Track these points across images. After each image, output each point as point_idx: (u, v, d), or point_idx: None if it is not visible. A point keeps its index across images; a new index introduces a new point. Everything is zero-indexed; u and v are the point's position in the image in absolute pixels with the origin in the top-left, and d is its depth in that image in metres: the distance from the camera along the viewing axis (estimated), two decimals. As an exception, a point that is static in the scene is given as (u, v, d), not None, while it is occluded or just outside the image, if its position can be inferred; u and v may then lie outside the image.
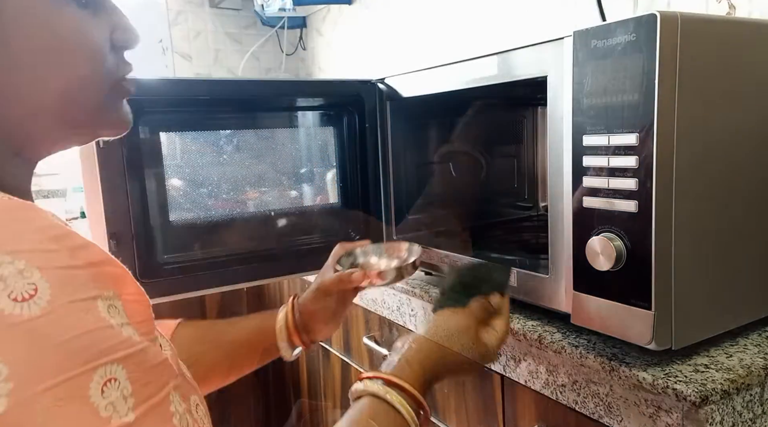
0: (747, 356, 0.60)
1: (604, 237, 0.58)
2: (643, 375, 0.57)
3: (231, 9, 2.34)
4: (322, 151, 1.00)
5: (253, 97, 0.89)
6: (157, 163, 0.82)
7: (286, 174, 0.97)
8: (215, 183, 0.89)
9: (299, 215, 0.98)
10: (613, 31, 0.56)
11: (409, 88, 0.91)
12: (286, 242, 0.95)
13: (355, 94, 0.95)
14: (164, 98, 0.80)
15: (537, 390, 0.71)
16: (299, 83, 1.02)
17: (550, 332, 0.69)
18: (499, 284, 0.68)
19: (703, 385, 0.54)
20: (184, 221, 0.87)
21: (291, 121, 0.97)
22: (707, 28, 0.58)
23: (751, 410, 0.57)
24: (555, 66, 0.64)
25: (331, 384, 1.31)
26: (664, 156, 0.54)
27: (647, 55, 0.53)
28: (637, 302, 0.57)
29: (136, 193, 0.79)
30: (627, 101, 0.55)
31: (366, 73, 1.00)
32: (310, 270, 0.96)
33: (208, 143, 0.89)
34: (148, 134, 0.81)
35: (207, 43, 2.33)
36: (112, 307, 0.34)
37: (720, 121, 0.59)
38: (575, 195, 0.62)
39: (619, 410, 0.61)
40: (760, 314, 0.67)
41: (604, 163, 0.58)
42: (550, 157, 0.66)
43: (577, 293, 0.63)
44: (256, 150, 0.94)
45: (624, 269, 0.58)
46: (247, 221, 0.93)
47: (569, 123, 0.62)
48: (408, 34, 1.79)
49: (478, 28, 1.53)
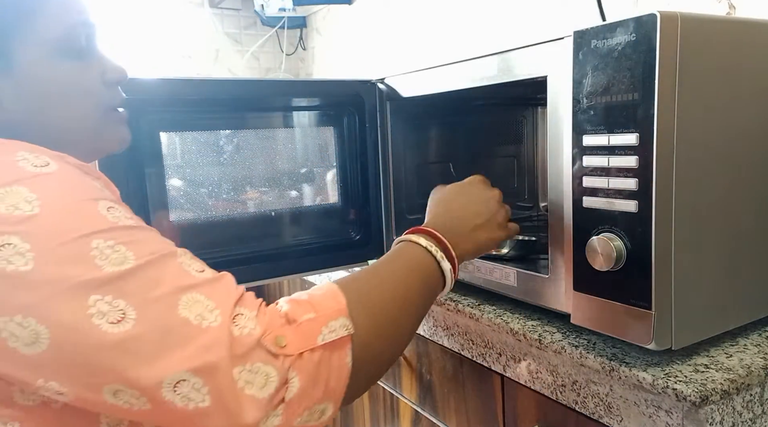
0: (747, 356, 0.60)
1: (604, 237, 0.58)
2: (643, 375, 0.57)
3: (231, 9, 2.34)
4: (322, 151, 0.99)
5: (253, 97, 0.89)
6: (157, 163, 0.82)
7: (286, 174, 0.97)
8: (215, 183, 0.89)
9: (299, 215, 0.98)
10: (613, 31, 0.56)
11: (409, 88, 0.91)
12: (286, 242, 0.95)
13: (355, 94, 0.95)
14: (164, 98, 0.80)
15: (537, 390, 0.71)
16: (299, 83, 1.02)
17: (550, 332, 0.69)
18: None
19: (703, 385, 0.54)
20: (184, 221, 0.87)
21: (291, 121, 0.97)
22: (707, 28, 0.58)
23: (751, 410, 0.57)
24: (555, 66, 0.64)
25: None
26: (664, 156, 0.54)
27: (647, 55, 0.53)
28: (637, 302, 0.57)
29: (136, 193, 0.79)
30: (627, 101, 0.55)
31: (366, 73, 1.00)
32: (310, 270, 0.96)
33: (208, 143, 0.89)
34: (148, 134, 0.81)
35: (207, 43, 2.33)
36: (95, 182, 0.49)
37: (720, 120, 0.59)
38: (575, 195, 0.62)
39: (619, 410, 0.61)
40: (760, 314, 0.67)
41: (604, 163, 0.58)
42: (550, 157, 0.66)
43: (577, 293, 0.63)
44: (256, 150, 0.94)
45: (624, 269, 0.58)
46: (247, 221, 0.93)
47: (569, 123, 0.62)
48: (408, 34, 1.79)
49: (478, 28, 1.53)
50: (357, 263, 0.98)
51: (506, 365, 0.75)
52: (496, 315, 0.76)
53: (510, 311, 0.77)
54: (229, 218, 0.90)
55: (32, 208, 0.43)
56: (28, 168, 0.45)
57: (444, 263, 0.62)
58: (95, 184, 0.48)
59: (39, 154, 0.47)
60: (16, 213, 0.42)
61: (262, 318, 0.47)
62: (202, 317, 0.44)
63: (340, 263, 0.97)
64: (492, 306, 0.80)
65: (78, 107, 0.56)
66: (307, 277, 1.29)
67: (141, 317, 0.42)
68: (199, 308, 0.44)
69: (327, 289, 0.53)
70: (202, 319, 0.44)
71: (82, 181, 0.47)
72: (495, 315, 0.76)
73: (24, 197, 0.43)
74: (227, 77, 2.31)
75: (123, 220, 0.46)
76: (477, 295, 0.84)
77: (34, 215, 0.42)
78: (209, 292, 0.46)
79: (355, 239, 0.98)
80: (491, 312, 0.77)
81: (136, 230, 0.47)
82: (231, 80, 0.89)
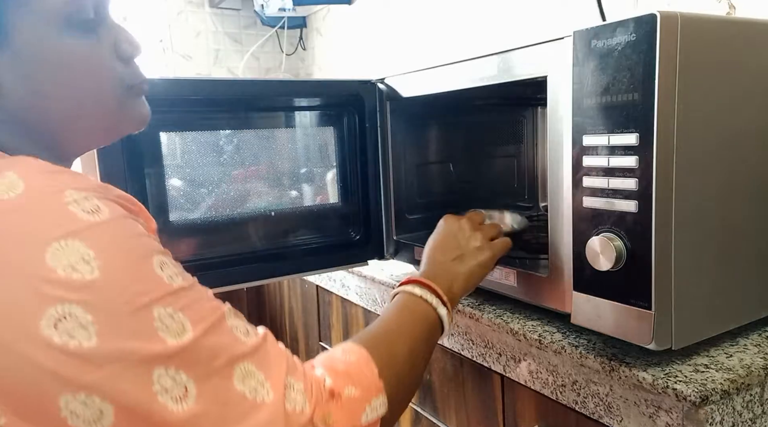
0: (747, 356, 0.60)
1: (604, 237, 0.58)
2: (643, 375, 0.57)
3: (231, 9, 2.34)
4: (322, 151, 0.99)
5: (253, 97, 0.89)
6: (157, 163, 0.82)
7: (286, 174, 0.97)
8: (215, 183, 0.89)
9: (299, 214, 0.98)
10: (613, 31, 0.56)
11: (409, 88, 0.91)
12: (286, 242, 0.95)
13: (355, 94, 0.95)
14: (164, 98, 0.80)
15: (537, 390, 0.71)
16: (299, 83, 1.02)
17: (550, 332, 0.69)
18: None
19: (703, 385, 0.54)
20: (184, 221, 0.87)
21: (291, 121, 0.97)
22: (707, 28, 0.58)
23: (751, 410, 0.57)
24: (555, 66, 0.64)
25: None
26: (664, 156, 0.54)
27: (647, 55, 0.53)
28: (637, 302, 0.57)
29: (136, 193, 0.78)
30: (627, 101, 0.55)
31: (366, 73, 1.00)
32: (310, 270, 0.96)
33: (208, 143, 0.89)
34: (148, 134, 0.81)
35: (207, 43, 2.33)
36: (137, 221, 0.46)
37: (720, 120, 0.59)
38: (575, 195, 0.62)
39: (619, 410, 0.61)
40: (760, 314, 0.67)
41: (604, 163, 0.58)
42: (550, 157, 0.66)
43: (577, 293, 0.63)
44: (256, 150, 0.94)
45: (624, 269, 0.58)
46: (247, 221, 0.92)
47: (569, 123, 0.62)
48: (408, 34, 1.79)
49: (478, 28, 1.53)
50: (357, 263, 0.98)
51: (506, 365, 0.75)
52: (496, 315, 0.76)
53: (510, 311, 0.77)
54: (229, 218, 0.90)
55: (92, 270, 0.39)
56: (80, 215, 0.41)
57: (440, 308, 0.65)
58: (141, 229, 0.45)
59: (85, 190, 0.42)
60: (74, 276, 0.39)
61: (309, 392, 0.47)
62: (255, 391, 0.44)
63: (340, 263, 0.97)
64: (492, 306, 0.80)
65: (89, 88, 0.50)
66: (307, 277, 1.29)
67: (201, 392, 0.41)
68: (253, 381, 0.44)
69: (358, 355, 0.54)
70: (256, 393, 0.44)
71: (133, 231, 0.44)
72: (495, 315, 0.76)
73: (81, 255, 0.39)
74: (227, 77, 2.31)
75: (176, 279, 0.44)
76: (477, 295, 0.84)
77: (94, 279, 0.39)
78: (259, 362, 0.45)
79: (354, 238, 0.98)
80: (491, 312, 0.77)
81: (188, 291, 0.44)
82: (231, 80, 0.89)
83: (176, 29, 2.26)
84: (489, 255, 0.72)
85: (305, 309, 1.39)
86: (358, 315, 1.14)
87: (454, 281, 0.69)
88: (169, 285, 0.43)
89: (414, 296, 0.65)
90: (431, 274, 0.69)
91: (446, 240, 0.74)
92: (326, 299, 1.26)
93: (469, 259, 0.71)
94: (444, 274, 0.69)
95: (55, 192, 0.41)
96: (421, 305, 0.64)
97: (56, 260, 0.39)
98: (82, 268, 0.39)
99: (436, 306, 0.64)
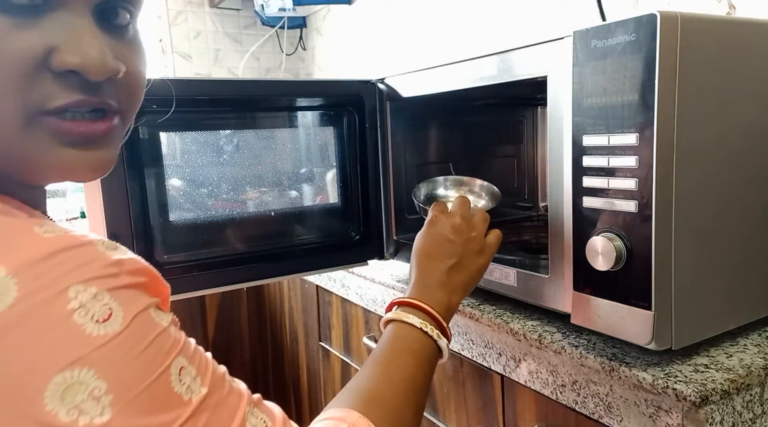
0: (747, 356, 0.60)
1: (604, 237, 0.58)
2: (643, 375, 0.57)
3: (231, 9, 2.34)
4: (322, 151, 0.99)
5: (253, 97, 0.89)
6: (157, 163, 0.82)
7: (286, 174, 0.97)
8: (215, 183, 0.89)
9: (299, 214, 0.98)
10: (613, 31, 0.56)
11: (409, 88, 0.91)
12: (286, 242, 0.95)
13: (355, 94, 0.95)
14: (164, 98, 0.80)
15: (537, 390, 0.71)
16: (299, 83, 1.02)
17: (550, 332, 0.69)
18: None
19: (703, 385, 0.54)
20: (184, 221, 0.87)
21: (291, 121, 0.97)
22: (707, 28, 0.58)
23: (751, 410, 0.57)
24: (555, 66, 0.64)
25: (331, 384, 1.31)
26: (664, 156, 0.54)
27: (647, 55, 0.53)
28: (637, 302, 0.57)
29: (136, 193, 0.79)
30: (627, 101, 0.55)
31: (366, 73, 1.00)
32: (310, 270, 0.96)
33: (208, 143, 0.89)
34: (148, 134, 0.81)
35: (207, 43, 2.33)
36: (157, 310, 0.38)
37: (720, 120, 0.59)
38: (575, 195, 0.62)
39: (619, 410, 0.61)
40: (760, 314, 0.67)
41: (604, 163, 0.58)
42: (550, 157, 0.66)
43: (577, 293, 0.63)
44: (256, 150, 0.94)
45: (624, 269, 0.58)
46: (247, 221, 0.92)
47: (569, 123, 0.62)
48: (408, 34, 1.79)
49: (478, 28, 1.53)
50: (357, 262, 0.98)
51: (506, 365, 0.75)
52: (496, 315, 0.76)
53: (510, 311, 0.77)
54: (229, 218, 0.90)
55: (102, 411, 0.33)
56: (89, 329, 0.33)
57: (441, 341, 0.61)
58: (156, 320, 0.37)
59: (93, 281, 0.34)
60: (82, 423, 0.32)
61: None
62: None
63: (340, 263, 0.97)
64: (492, 306, 0.80)
65: None
66: (307, 277, 1.29)
67: None
68: None
69: (356, 421, 0.50)
70: None
71: (149, 334, 0.36)
72: (495, 315, 0.76)
73: (90, 391, 0.32)
74: (227, 77, 2.31)
75: (195, 387, 0.38)
76: (477, 295, 0.84)
77: (104, 424, 0.32)
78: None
79: (354, 238, 0.98)
80: (491, 312, 0.77)
81: (208, 400, 0.39)
82: (231, 80, 0.89)
83: (176, 29, 2.26)
84: (488, 257, 0.70)
85: (305, 309, 1.39)
86: (358, 315, 1.14)
87: (453, 294, 0.65)
88: (189, 402, 0.37)
89: (413, 328, 0.60)
90: (426, 291, 0.64)
91: (440, 244, 0.67)
92: (326, 299, 1.27)
93: (468, 265, 0.67)
94: (441, 287, 0.64)
95: (57, 294, 0.33)
96: (420, 337, 0.60)
97: (59, 401, 0.32)
98: (91, 409, 0.32)
99: (437, 338, 0.60)
